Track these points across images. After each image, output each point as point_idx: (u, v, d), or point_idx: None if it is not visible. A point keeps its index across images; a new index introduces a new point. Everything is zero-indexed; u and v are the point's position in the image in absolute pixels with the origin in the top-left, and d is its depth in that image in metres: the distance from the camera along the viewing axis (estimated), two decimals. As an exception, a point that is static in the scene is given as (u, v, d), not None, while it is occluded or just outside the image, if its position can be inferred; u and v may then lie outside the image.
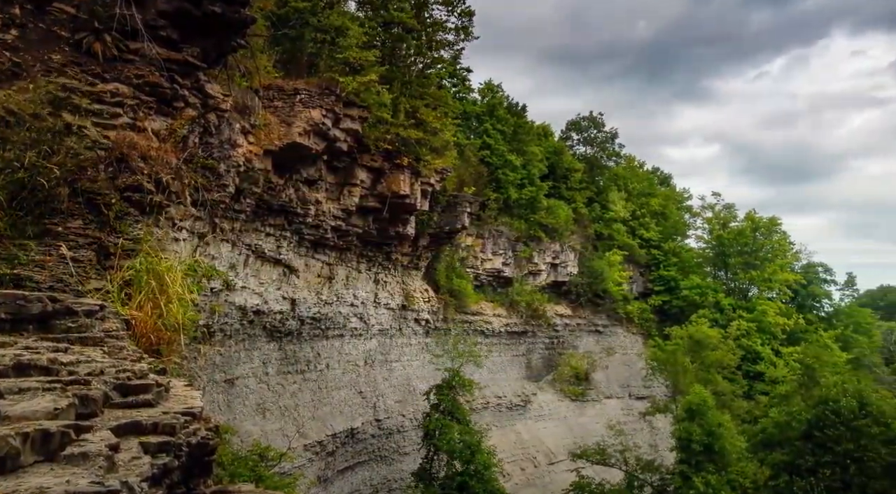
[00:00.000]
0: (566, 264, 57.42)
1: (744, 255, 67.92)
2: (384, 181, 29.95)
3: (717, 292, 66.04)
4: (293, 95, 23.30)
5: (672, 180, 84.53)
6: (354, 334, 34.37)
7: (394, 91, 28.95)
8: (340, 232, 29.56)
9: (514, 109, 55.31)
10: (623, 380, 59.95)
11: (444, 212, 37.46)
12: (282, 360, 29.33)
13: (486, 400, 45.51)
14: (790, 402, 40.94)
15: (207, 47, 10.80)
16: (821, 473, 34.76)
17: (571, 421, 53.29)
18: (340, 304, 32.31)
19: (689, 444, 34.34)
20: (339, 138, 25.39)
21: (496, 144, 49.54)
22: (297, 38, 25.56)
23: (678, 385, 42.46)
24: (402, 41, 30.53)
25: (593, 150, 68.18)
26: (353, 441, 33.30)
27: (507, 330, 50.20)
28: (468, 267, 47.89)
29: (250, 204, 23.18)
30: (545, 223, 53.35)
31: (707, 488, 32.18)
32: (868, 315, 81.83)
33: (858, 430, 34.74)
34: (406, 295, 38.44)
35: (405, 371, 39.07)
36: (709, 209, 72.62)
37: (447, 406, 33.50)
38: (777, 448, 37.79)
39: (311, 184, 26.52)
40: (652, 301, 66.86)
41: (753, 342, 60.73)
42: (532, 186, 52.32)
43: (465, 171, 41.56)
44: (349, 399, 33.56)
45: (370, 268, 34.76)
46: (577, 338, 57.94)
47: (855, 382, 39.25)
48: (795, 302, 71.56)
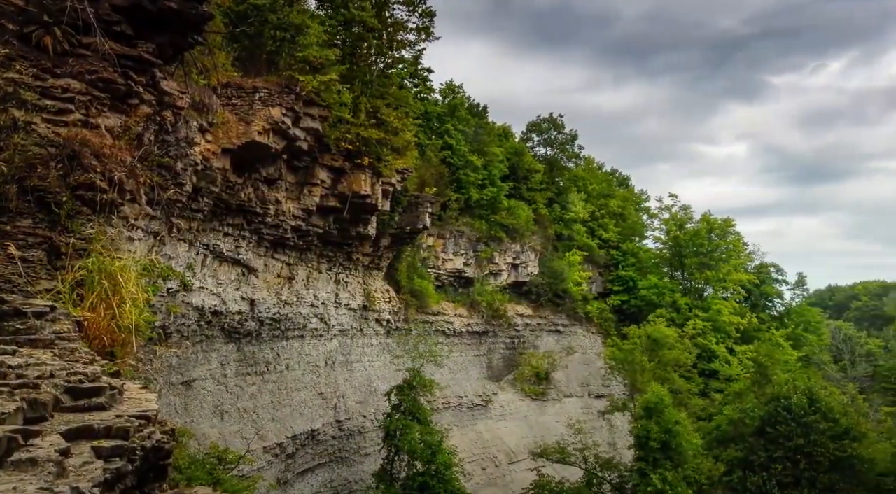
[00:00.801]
0: (527, 264, 57.83)
1: (699, 256, 69.25)
2: (345, 181, 29.76)
3: (674, 292, 67.23)
4: (252, 93, 23.00)
5: (630, 181, 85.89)
6: (315, 335, 34.08)
7: (354, 90, 28.82)
8: (300, 232, 29.27)
9: (476, 110, 55.56)
10: (582, 379, 60.59)
11: (405, 213, 37.39)
12: (240, 361, 28.92)
13: (447, 399, 45.54)
14: (744, 399, 41.95)
15: (163, 43, 10.58)
16: (773, 468, 35.70)
17: (532, 420, 53.66)
18: (300, 305, 32.00)
19: (647, 442, 34.87)
20: (299, 137, 25.14)
21: (457, 145, 49.65)
22: (256, 36, 25.26)
23: (636, 383, 43.06)
24: (363, 40, 30.39)
25: (553, 152, 68.80)
26: (314, 442, 33.00)
27: (468, 330, 50.34)
28: (429, 267, 47.90)
29: (208, 203, 22.81)
30: (506, 223, 53.66)
31: (664, 484, 32.70)
32: (817, 314, 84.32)
33: (808, 426, 35.78)
34: (367, 296, 38.27)
35: (366, 371, 38.89)
36: (666, 210, 73.87)
37: (408, 406, 33.42)
38: (731, 445, 38.67)
39: (270, 183, 26.21)
40: (611, 300, 67.75)
41: (709, 341, 61.98)
42: (493, 187, 52.58)
43: (426, 172, 41.56)
44: (309, 400, 33.25)
45: (331, 269, 34.51)
46: (538, 338, 58.38)
47: (805, 379, 40.45)
48: (749, 302, 73.26)
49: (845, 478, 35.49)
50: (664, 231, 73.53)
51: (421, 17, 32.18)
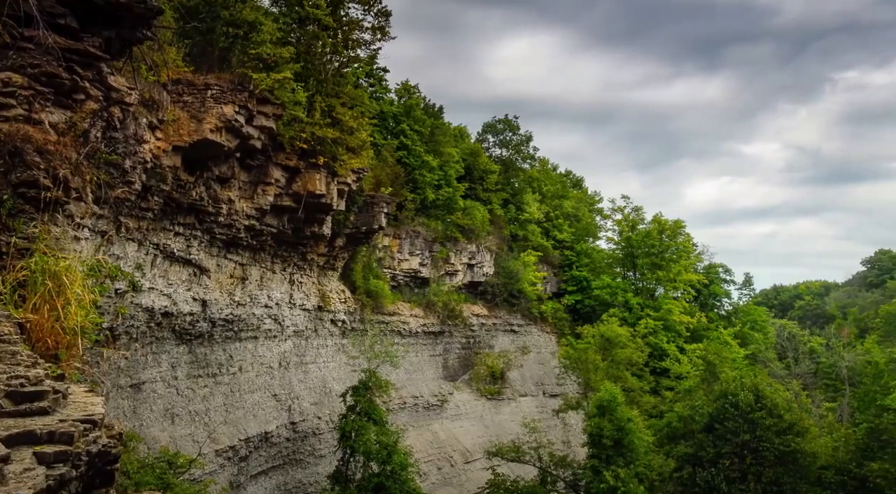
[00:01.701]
0: (482, 264, 58.13)
1: (651, 256, 70.57)
2: (300, 180, 29.45)
3: (627, 292, 68.37)
4: (204, 90, 22.60)
5: (584, 183, 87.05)
6: (269, 336, 33.64)
7: (309, 89, 28.54)
8: (254, 231, 28.87)
9: (431, 110, 55.61)
10: (537, 379, 61.19)
11: (360, 213, 37.19)
12: (192, 363, 28.38)
13: (402, 400, 45.47)
14: (693, 397, 42.88)
15: (111, 38, 10.31)
16: (721, 463, 36.59)
17: (487, 420, 53.94)
18: (254, 305, 31.55)
19: (600, 439, 35.36)
20: (252, 136, 24.79)
21: (413, 145, 49.63)
22: (207, 32, 24.81)
23: (590, 382, 43.64)
24: (318, 39, 30.12)
25: (509, 153, 69.29)
26: (267, 445, 32.59)
27: (424, 331, 50.34)
28: (385, 267, 47.75)
29: (158, 202, 22.33)
30: (462, 224, 53.84)
31: (616, 481, 33.19)
32: (763, 313, 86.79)
33: (754, 422, 36.76)
34: (322, 296, 37.95)
35: (321, 372, 38.56)
36: (618, 211, 75.09)
37: (364, 407, 33.26)
38: (681, 441, 39.48)
39: (223, 182, 25.78)
40: (565, 300, 68.58)
41: (660, 339, 63.21)
42: (449, 187, 52.70)
43: (382, 172, 41.43)
44: (263, 402, 32.82)
45: (285, 269, 34.11)
46: (493, 338, 58.72)
47: (752, 377, 41.53)
48: (698, 301, 74.96)
49: (789, 472, 36.58)
50: (617, 232, 74.78)
51: (376, 17, 32.03)
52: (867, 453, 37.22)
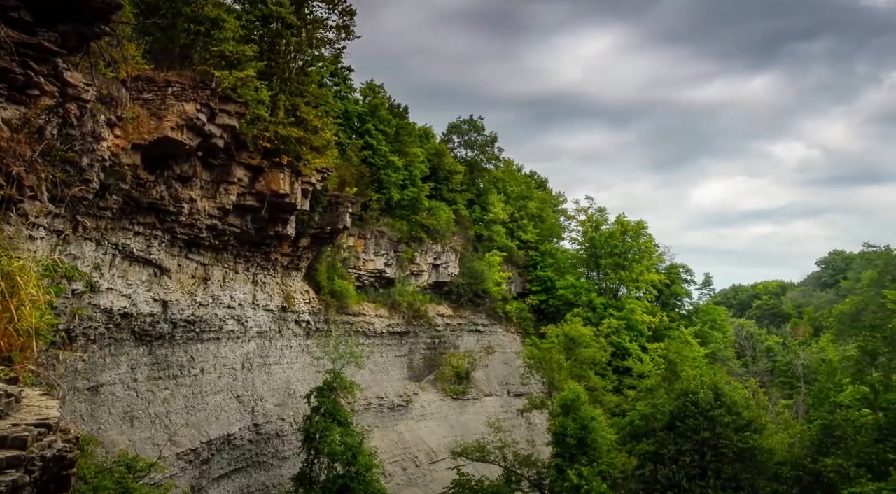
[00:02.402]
0: (447, 265, 58.20)
1: (614, 257, 71.40)
2: (263, 179, 29.13)
3: (590, 292, 69.06)
4: (165, 88, 22.22)
5: (548, 184, 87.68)
6: (231, 337, 33.22)
7: (273, 87, 28.26)
8: (216, 231, 28.47)
9: (397, 110, 55.48)
10: (502, 378, 61.48)
11: (325, 212, 36.94)
12: (152, 365, 27.88)
13: (367, 401, 45.29)
14: (655, 395, 43.47)
15: (67, 33, 10.06)
16: (681, 460, 37.18)
17: (452, 420, 54.03)
18: (216, 306, 31.12)
19: (564, 438, 35.67)
20: (214, 134, 24.45)
21: (378, 145, 49.45)
22: (168, 28, 24.41)
23: (554, 381, 43.97)
24: (282, 37, 29.82)
25: (474, 153, 69.48)
26: (230, 447, 32.18)
27: (389, 331, 50.22)
28: (350, 267, 47.51)
29: (117, 200, 21.90)
30: (427, 224, 53.83)
31: (580, 479, 33.51)
32: (722, 312, 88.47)
33: (714, 419, 37.44)
34: (286, 297, 37.60)
35: (285, 374, 38.20)
36: (582, 212, 75.84)
37: (328, 408, 33.05)
38: (643, 439, 40.02)
39: (184, 181, 25.38)
40: (530, 300, 69.03)
41: (622, 339, 63.98)
42: (414, 187, 52.65)
43: (346, 171, 41.18)
44: (225, 404, 32.40)
45: (248, 269, 33.71)
46: (458, 338, 58.84)
47: (711, 375, 42.32)
48: (660, 301, 76.07)
49: (747, 468, 37.33)
50: (581, 232, 75.51)
51: (341, 16, 31.86)
52: (821, 448, 38.17)
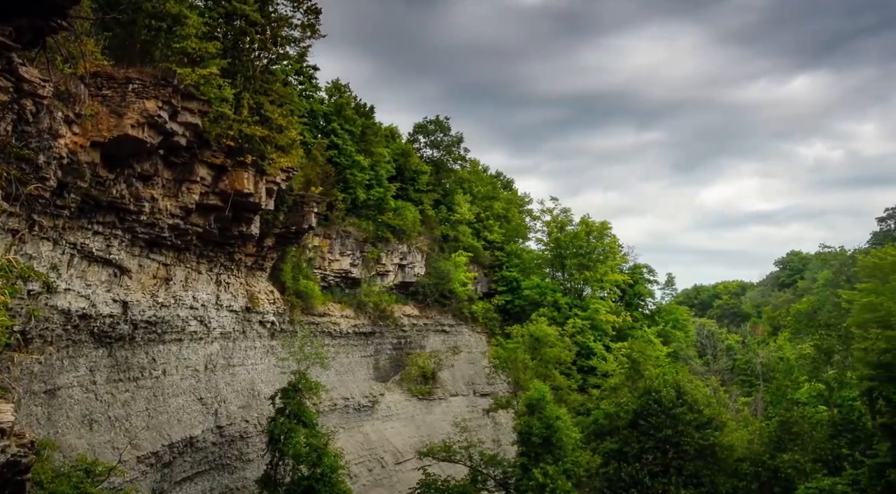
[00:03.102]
0: (413, 265, 58.15)
1: (579, 257, 72.06)
2: (227, 178, 28.79)
3: (556, 292, 69.61)
4: (125, 84, 21.81)
5: (514, 184, 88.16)
6: (194, 338, 32.74)
7: (237, 86, 27.96)
8: (178, 231, 28.03)
9: (362, 110, 55.22)
10: (468, 378, 61.63)
11: (290, 212, 36.64)
12: (112, 367, 27.34)
13: (333, 401, 45.04)
14: (619, 394, 44.02)
15: (22, 27, 9.80)
16: (645, 458, 37.73)
17: (419, 420, 54.00)
18: (178, 307, 30.64)
19: (530, 437, 35.91)
20: (176, 132, 24.07)
21: (344, 144, 49.18)
22: (129, 24, 23.95)
23: (519, 381, 44.22)
24: (246, 34, 29.50)
25: (440, 153, 69.51)
26: (192, 450, 31.71)
27: (355, 331, 50.00)
28: (315, 267, 47.17)
29: (75, 199, 21.43)
30: (393, 224, 53.72)
31: (545, 478, 33.76)
32: (684, 312, 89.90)
33: (676, 417, 38.06)
34: (250, 297, 37.19)
35: (249, 375, 37.78)
36: (547, 213, 76.40)
37: (293, 409, 32.78)
38: (607, 438, 40.52)
39: (145, 179, 24.95)
40: (495, 300, 69.33)
41: (587, 338, 64.62)
42: (380, 187, 52.50)
43: (312, 171, 40.89)
44: (188, 406, 31.91)
45: (211, 269, 33.25)
46: (424, 338, 58.83)
47: (674, 373, 42.99)
48: (623, 301, 77.03)
49: (708, 465, 38.03)
50: (546, 233, 76.07)
51: (306, 14, 31.63)
52: (779, 445, 39.06)
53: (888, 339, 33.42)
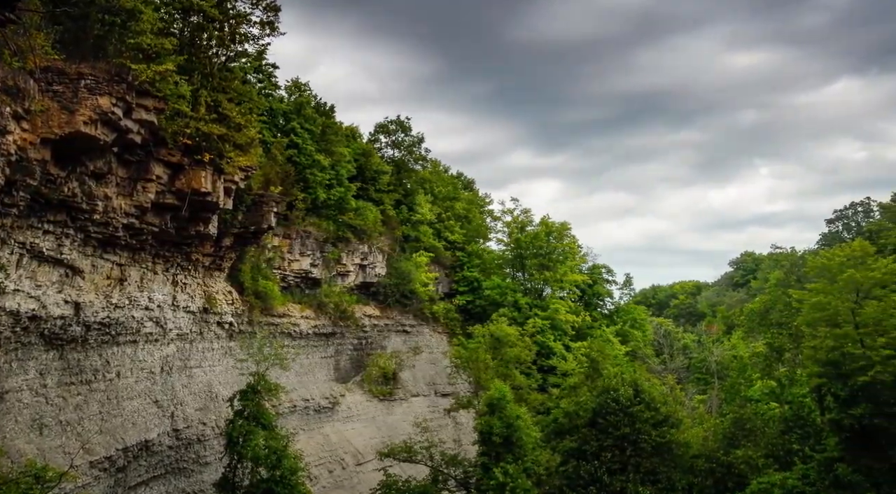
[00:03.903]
0: (374, 265, 57.95)
1: (539, 257, 72.73)
2: (184, 177, 28.31)
3: (516, 292, 70.13)
4: (77, 80, 21.31)
5: (475, 185, 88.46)
6: (150, 339, 32.10)
7: (194, 83, 27.52)
8: (133, 230, 27.47)
9: (323, 109, 54.84)
10: (429, 378, 61.67)
11: (249, 212, 36.19)
12: (63, 370, 26.65)
13: (293, 403, 44.64)
14: (578, 393, 44.47)
15: (-32, 18, 9.52)
16: (603, 456, 38.18)
17: (380, 421, 53.82)
18: (133, 308, 30.00)
19: (490, 437, 36.05)
20: (131, 129, 23.61)
21: (304, 144, 48.77)
22: (81, 18, 23.38)
23: (480, 381, 44.40)
24: (203, 31, 29.06)
25: (401, 154, 69.42)
26: (148, 453, 31.09)
27: (316, 332, 49.62)
28: (275, 268, 46.68)
29: (24, 197, 20.85)
30: (354, 224, 53.47)
31: (506, 477, 33.94)
32: (642, 311, 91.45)
33: (634, 415, 38.61)
34: (208, 298, 36.61)
35: (207, 377, 37.21)
36: (508, 213, 76.89)
37: (252, 411, 32.41)
38: (567, 436, 40.89)
39: (98, 177, 24.39)
40: (457, 300, 69.50)
41: (547, 338, 65.23)
42: (340, 187, 52.18)
43: (271, 170, 40.43)
44: (143, 409, 31.28)
45: (168, 269, 32.64)
46: (386, 338, 58.68)
47: (631, 372, 43.61)
48: (583, 301, 77.98)
49: (664, 462, 38.65)
50: (506, 233, 76.54)
51: (265, 11, 31.25)
52: (733, 441, 39.93)
53: (836, 337, 34.45)
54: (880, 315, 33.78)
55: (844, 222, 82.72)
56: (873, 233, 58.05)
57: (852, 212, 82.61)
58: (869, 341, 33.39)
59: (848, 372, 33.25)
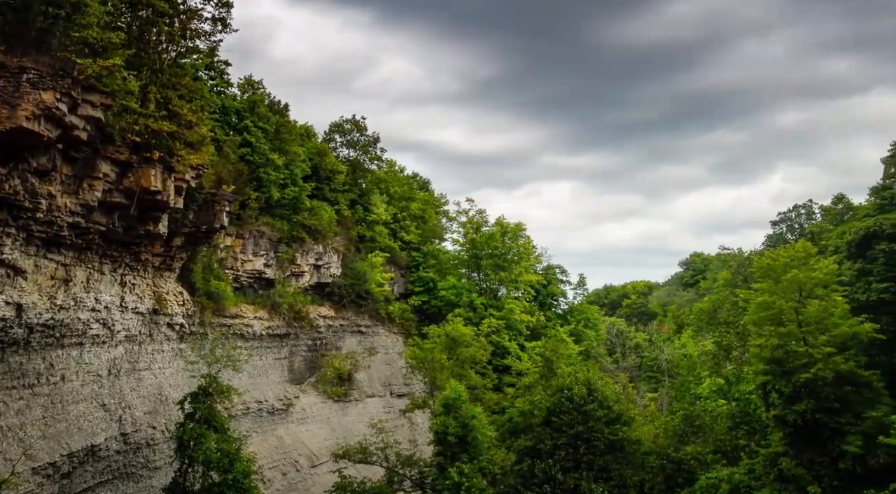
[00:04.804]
0: (329, 265, 57.49)
1: (494, 257, 73.15)
2: (132, 175, 27.62)
3: (471, 292, 70.39)
4: (19, 74, 20.62)
5: (430, 185, 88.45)
6: (96, 342, 31.24)
7: (142, 78, 26.85)
8: (79, 229, 26.69)
9: (276, 107, 54.15)
10: (385, 379, 61.49)
11: (200, 211, 35.52)
12: (4, 374, 25.78)
13: (246, 405, 44.02)
14: (533, 392, 44.88)
15: None
16: (557, 454, 38.59)
17: (334, 422, 53.44)
18: (79, 309, 29.15)
19: (445, 437, 36.16)
20: (76, 126, 22.93)
21: (257, 142, 48.09)
22: (22, 9, 22.61)
23: (436, 381, 44.48)
24: (153, 25, 28.38)
25: (356, 153, 69.03)
26: (94, 459, 30.28)
27: (269, 333, 49.00)
28: (227, 268, 45.96)
29: (-37, 195, 20.08)
30: (308, 224, 52.97)
31: (461, 477, 34.06)
32: (595, 311, 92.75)
33: (587, 414, 39.13)
34: (158, 299, 35.82)
35: (156, 379, 36.41)
36: (463, 214, 77.13)
37: (203, 414, 31.90)
38: (522, 435, 41.21)
39: (42, 175, 23.63)
40: (412, 301, 69.43)
41: (502, 338, 65.64)
42: (295, 186, 51.64)
43: (223, 169, 39.71)
44: (89, 413, 30.44)
45: (115, 270, 31.80)
46: (341, 339, 58.29)
47: (585, 371, 44.15)
48: (537, 301, 78.68)
49: (617, 459, 39.27)
50: (462, 233, 76.76)
51: (217, 7, 30.74)
52: (682, 438, 40.81)
53: (780, 336, 35.48)
54: (822, 314, 34.90)
55: (788, 224, 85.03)
56: (815, 234, 59.85)
57: (795, 215, 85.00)
58: (811, 339, 34.46)
59: (791, 369, 34.24)
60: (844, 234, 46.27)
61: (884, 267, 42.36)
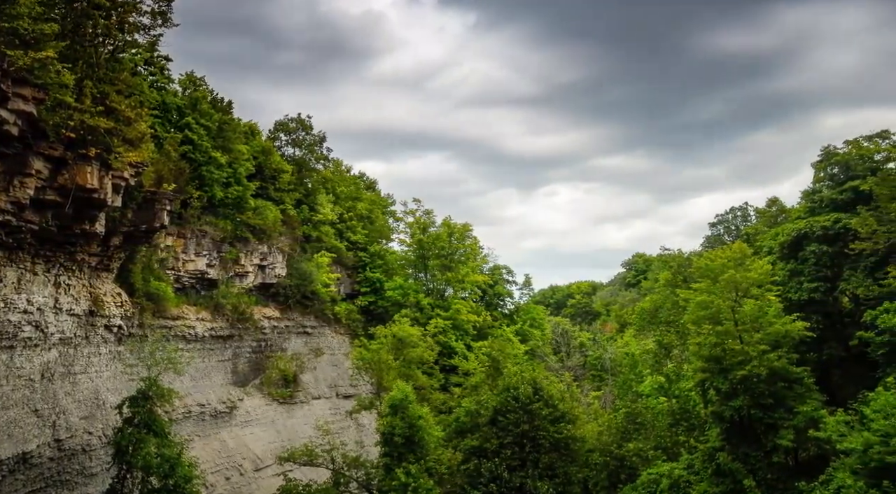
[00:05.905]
0: (274, 266, 56.70)
1: (441, 258, 73.34)
2: (67, 173, 26.66)
3: (418, 292, 70.43)
4: (-54, 65, 19.68)
5: (377, 186, 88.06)
6: (28, 345, 30.04)
7: (78, 72, 25.94)
8: (10, 228, 25.65)
9: (220, 105, 53.05)
10: (331, 380, 60.96)
11: (139, 210, 34.58)
12: (-73, 380, 24.55)
13: (188, 408, 43.06)
14: (479, 392, 45.17)
15: None
16: (503, 453, 38.93)
17: (280, 425, 52.73)
18: (10, 311, 28.00)
19: (392, 438, 36.10)
20: (7, 120, 22.06)
21: (199, 140, 47.02)
22: (-50, -2, 21.63)
23: (383, 382, 44.30)
24: (88, 18, 27.41)
25: (302, 152, 68.23)
26: (26, 466, 29.16)
27: (212, 335, 48.02)
28: (168, 268, 44.86)
29: None
30: (253, 224, 52.15)
31: (408, 477, 34.05)
32: (541, 311, 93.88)
33: (533, 413, 39.58)
34: (94, 300, 34.68)
35: (93, 383, 35.25)
36: (410, 214, 77.10)
37: (143, 418, 31.13)
38: (468, 435, 41.42)
39: (-30, 171, 22.63)
40: (359, 301, 69.04)
41: (449, 338, 65.86)
42: (239, 186, 50.73)
43: (164, 166, 38.69)
44: (20, 419, 29.25)
45: (49, 270, 30.65)
46: (286, 340, 57.56)
47: (531, 371, 44.62)
48: (484, 301, 79.21)
49: (562, 457, 39.83)
50: (409, 234, 76.70)
51: (156, 1, 29.93)
52: (625, 435, 41.60)
53: (718, 334, 36.51)
54: (756, 312, 36.05)
55: (725, 225, 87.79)
56: (750, 235, 61.98)
57: (731, 217, 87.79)
58: (746, 337, 35.55)
59: (728, 366, 35.22)
60: (778, 236, 48.01)
61: (814, 267, 44.18)
